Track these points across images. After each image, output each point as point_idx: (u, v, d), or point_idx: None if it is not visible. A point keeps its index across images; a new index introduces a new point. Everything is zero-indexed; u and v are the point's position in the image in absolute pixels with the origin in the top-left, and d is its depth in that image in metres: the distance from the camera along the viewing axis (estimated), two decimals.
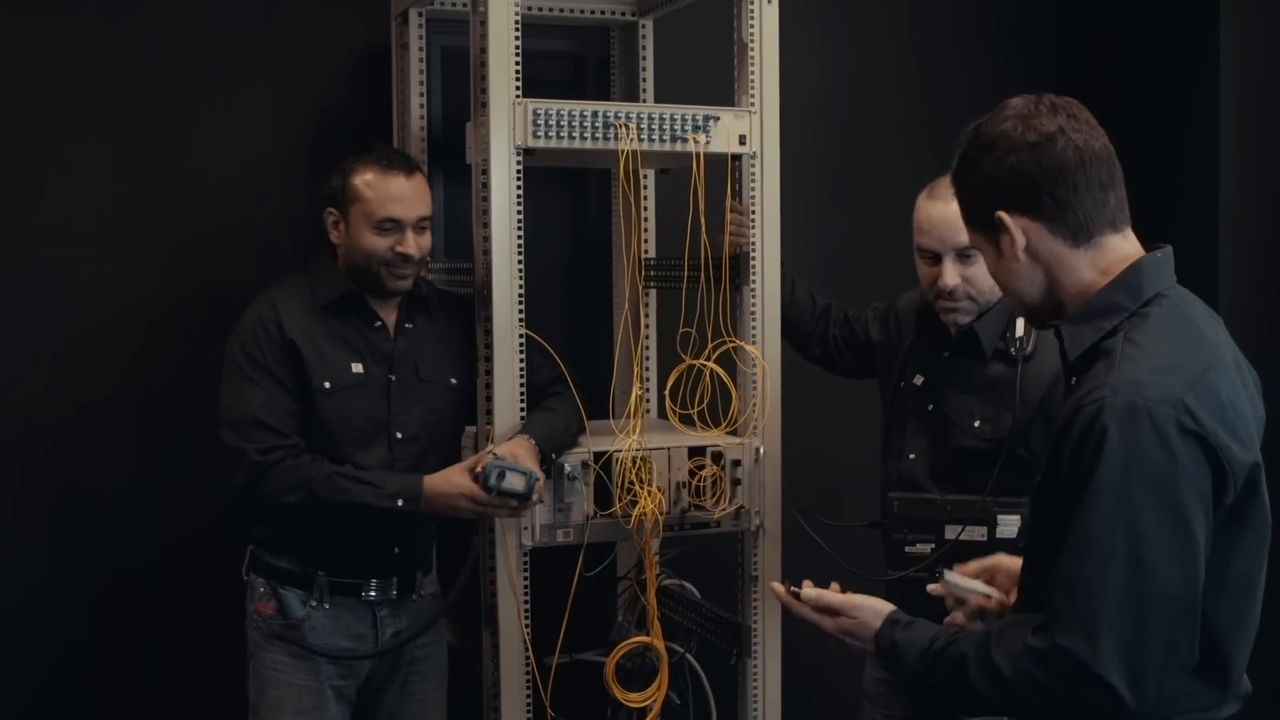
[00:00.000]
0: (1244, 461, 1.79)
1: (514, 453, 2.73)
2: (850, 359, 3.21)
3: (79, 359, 3.40)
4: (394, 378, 2.92)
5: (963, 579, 2.21)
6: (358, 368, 2.89)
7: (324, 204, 2.93)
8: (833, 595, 2.09)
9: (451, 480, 2.78)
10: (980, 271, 2.77)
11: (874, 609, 2.05)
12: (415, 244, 2.88)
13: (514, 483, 2.70)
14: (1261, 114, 3.92)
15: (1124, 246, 1.90)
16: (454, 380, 2.99)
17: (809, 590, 2.12)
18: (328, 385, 2.85)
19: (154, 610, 3.49)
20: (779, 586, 2.16)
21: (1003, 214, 1.88)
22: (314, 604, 2.89)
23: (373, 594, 2.94)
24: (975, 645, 1.86)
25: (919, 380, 2.92)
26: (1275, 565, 1.95)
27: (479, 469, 2.72)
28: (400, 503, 2.79)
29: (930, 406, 2.88)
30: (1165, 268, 1.89)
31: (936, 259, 2.82)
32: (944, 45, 4.20)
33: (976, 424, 2.78)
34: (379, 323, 2.95)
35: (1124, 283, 1.85)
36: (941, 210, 2.77)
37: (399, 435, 2.91)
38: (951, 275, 2.79)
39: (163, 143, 3.43)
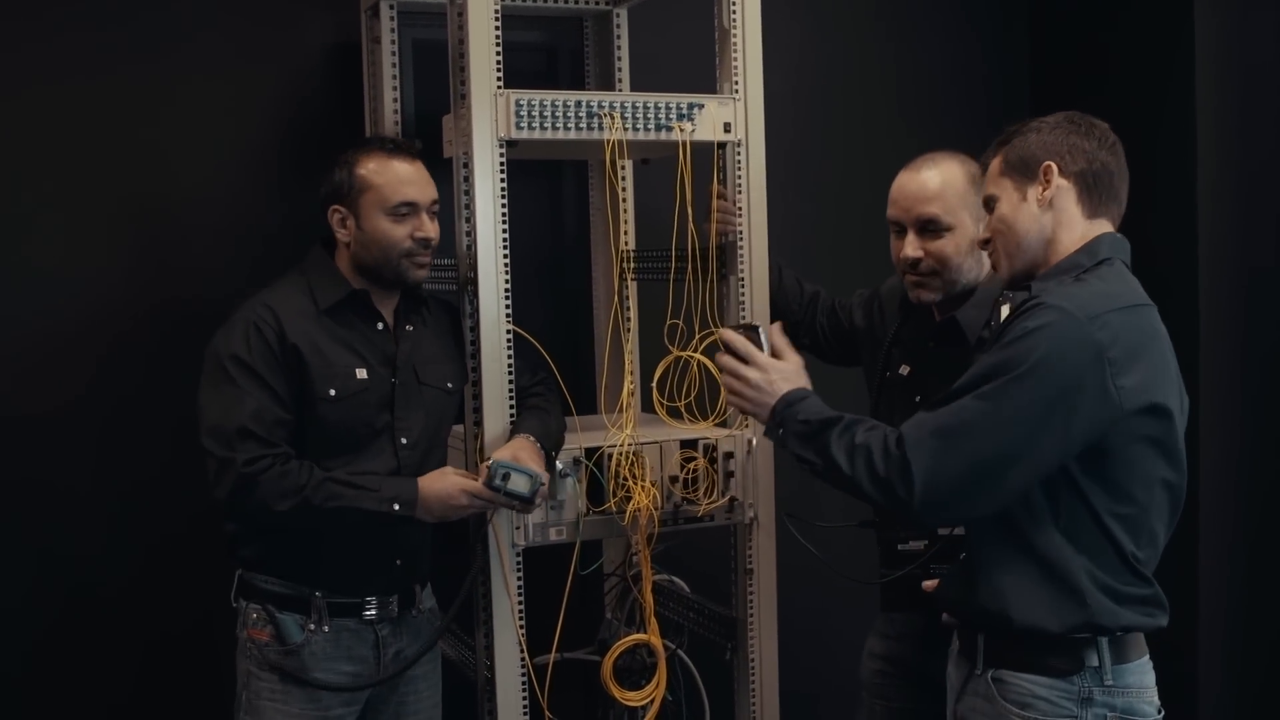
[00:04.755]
0: (1132, 386, 2.11)
1: (516, 455, 2.65)
2: (837, 347, 3.18)
3: (42, 365, 3.26)
4: (396, 381, 2.80)
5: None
6: (362, 373, 2.75)
7: (325, 203, 2.77)
8: (777, 337, 2.50)
9: (447, 478, 2.68)
10: (945, 247, 2.75)
11: (790, 372, 2.43)
12: (432, 228, 2.78)
13: (518, 484, 2.62)
14: (1237, 99, 3.90)
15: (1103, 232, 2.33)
16: (450, 385, 2.89)
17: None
18: (333, 393, 2.70)
19: (126, 643, 3.33)
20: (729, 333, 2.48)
21: (1052, 164, 2.27)
22: (313, 627, 2.74)
23: (373, 612, 2.80)
24: (846, 422, 2.25)
25: (905, 371, 2.89)
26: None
27: (485, 466, 2.63)
28: (396, 507, 2.66)
29: (918, 398, 2.84)
30: (1121, 245, 2.30)
31: (902, 231, 2.80)
32: (918, 33, 4.18)
33: None
34: (381, 324, 2.82)
35: (1086, 249, 2.27)
36: (915, 182, 2.76)
37: (404, 440, 2.79)
38: (912, 247, 2.77)
39: (129, 142, 3.32)
